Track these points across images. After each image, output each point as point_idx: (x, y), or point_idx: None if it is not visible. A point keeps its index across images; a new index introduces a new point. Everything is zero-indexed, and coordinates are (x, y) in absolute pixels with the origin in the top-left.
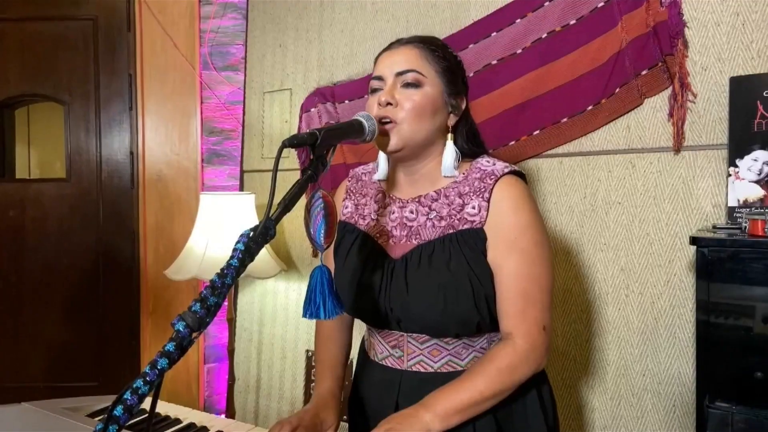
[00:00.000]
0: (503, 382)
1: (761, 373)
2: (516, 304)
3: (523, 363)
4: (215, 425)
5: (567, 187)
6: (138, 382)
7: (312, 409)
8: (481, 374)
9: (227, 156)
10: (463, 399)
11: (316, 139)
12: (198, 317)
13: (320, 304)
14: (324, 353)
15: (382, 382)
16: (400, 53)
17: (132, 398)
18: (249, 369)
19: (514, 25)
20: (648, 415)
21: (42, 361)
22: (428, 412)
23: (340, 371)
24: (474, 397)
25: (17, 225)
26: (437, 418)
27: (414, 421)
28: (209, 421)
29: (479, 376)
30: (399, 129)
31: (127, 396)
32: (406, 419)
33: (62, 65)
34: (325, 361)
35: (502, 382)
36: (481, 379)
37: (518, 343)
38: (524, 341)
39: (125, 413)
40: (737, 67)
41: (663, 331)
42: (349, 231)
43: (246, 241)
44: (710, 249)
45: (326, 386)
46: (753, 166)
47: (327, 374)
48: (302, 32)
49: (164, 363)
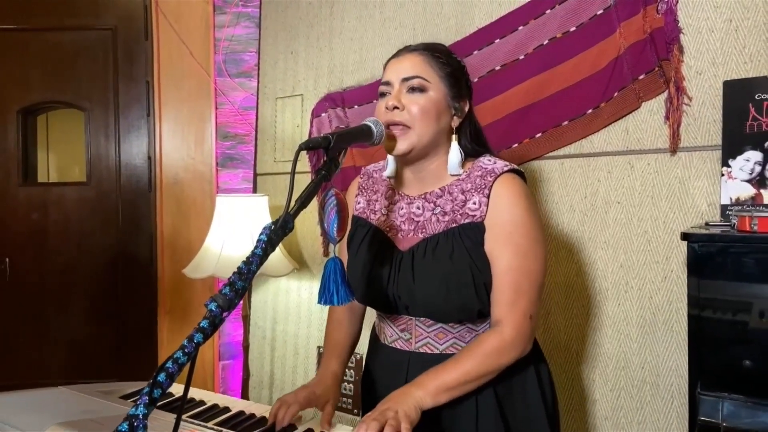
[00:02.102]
0: (489, 365)
1: (749, 361)
2: (507, 295)
3: (508, 349)
4: (236, 406)
5: (568, 188)
6: (178, 353)
7: (311, 386)
8: (469, 357)
9: (241, 160)
10: (451, 379)
11: (329, 143)
12: (228, 299)
13: (334, 291)
14: (332, 337)
15: (392, 363)
16: (406, 60)
17: (173, 367)
18: (262, 365)
19: (516, 32)
20: (647, 406)
21: (63, 358)
22: (420, 390)
23: (345, 355)
24: (461, 378)
25: (40, 227)
26: (428, 395)
27: (407, 398)
28: (231, 403)
29: (467, 359)
30: (406, 133)
31: (168, 365)
32: (401, 397)
33: (83, 73)
34: (331, 344)
35: (488, 365)
36: (468, 362)
37: (506, 331)
38: (512, 329)
39: (167, 380)
40: (730, 71)
41: (661, 325)
42: (362, 225)
43: (268, 233)
44: (700, 244)
45: (329, 366)
46: (745, 166)
47: (331, 356)
48: (313, 40)
49: (200, 337)
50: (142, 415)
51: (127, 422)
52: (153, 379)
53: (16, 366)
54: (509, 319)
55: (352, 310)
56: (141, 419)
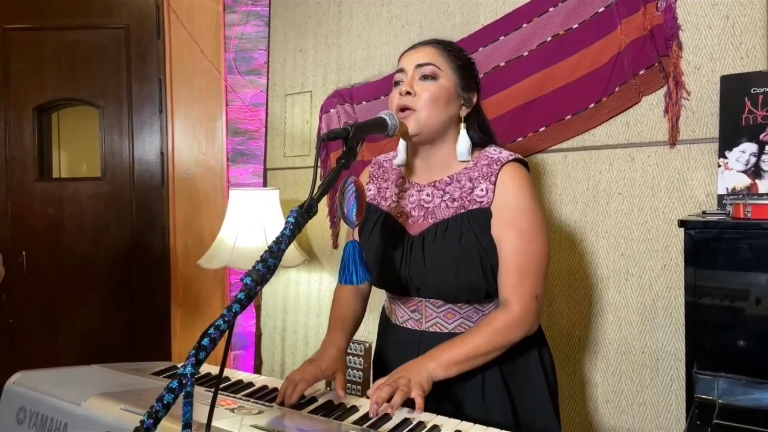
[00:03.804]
0: (498, 341)
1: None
2: (513, 276)
3: (516, 326)
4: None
5: (571, 180)
6: (219, 321)
7: (316, 360)
8: (479, 333)
9: (251, 155)
10: (462, 353)
11: (348, 134)
12: (260, 274)
13: (353, 271)
14: (337, 312)
15: (403, 342)
16: (420, 51)
17: (215, 332)
18: (274, 354)
19: (520, 29)
20: (647, 390)
21: (78, 349)
22: (432, 362)
23: (349, 329)
24: (471, 352)
25: (56, 222)
26: (440, 367)
27: (420, 369)
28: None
29: (477, 335)
30: (416, 116)
31: (211, 331)
32: (414, 367)
33: (96, 71)
34: (336, 318)
35: (497, 341)
36: (479, 337)
37: (514, 309)
38: (519, 308)
39: (210, 343)
40: (727, 66)
41: (660, 312)
42: (373, 211)
43: (295, 215)
44: (696, 231)
45: (333, 339)
46: (741, 158)
47: (335, 328)
48: (321, 38)
49: (237, 307)
50: (190, 374)
51: (176, 380)
52: (198, 343)
53: (32, 357)
54: (516, 298)
55: (358, 290)
56: (189, 377)
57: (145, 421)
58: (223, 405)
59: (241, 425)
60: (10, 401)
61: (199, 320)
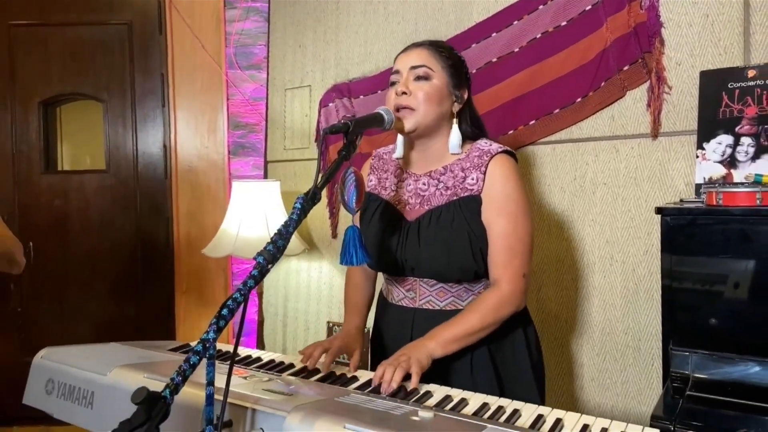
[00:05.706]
0: (491, 318)
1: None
2: (502, 257)
3: (506, 303)
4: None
5: (559, 171)
6: (235, 294)
7: (340, 337)
8: (474, 311)
9: (252, 148)
10: (458, 331)
11: (348, 128)
12: (271, 253)
13: (353, 254)
14: (352, 299)
15: (399, 319)
16: (413, 53)
17: (232, 304)
18: (275, 340)
19: (511, 26)
20: (630, 368)
21: (85, 338)
22: (431, 341)
23: (364, 312)
24: (467, 329)
25: (62, 213)
26: (439, 345)
27: (421, 348)
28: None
29: (472, 313)
30: (412, 113)
31: (229, 303)
32: (414, 347)
33: (100, 66)
34: (352, 304)
35: (490, 318)
36: (473, 315)
37: (504, 288)
38: (508, 286)
39: (229, 313)
40: (707, 62)
41: (642, 295)
42: (373, 200)
43: (302, 202)
44: (672, 217)
45: (352, 322)
46: (717, 149)
47: (353, 313)
48: (320, 34)
49: (251, 282)
50: (212, 339)
51: (200, 344)
52: (218, 312)
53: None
54: (505, 277)
55: (366, 275)
56: (211, 342)
57: (175, 378)
58: (236, 374)
59: (254, 389)
60: (38, 374)
61: (202, 307)
